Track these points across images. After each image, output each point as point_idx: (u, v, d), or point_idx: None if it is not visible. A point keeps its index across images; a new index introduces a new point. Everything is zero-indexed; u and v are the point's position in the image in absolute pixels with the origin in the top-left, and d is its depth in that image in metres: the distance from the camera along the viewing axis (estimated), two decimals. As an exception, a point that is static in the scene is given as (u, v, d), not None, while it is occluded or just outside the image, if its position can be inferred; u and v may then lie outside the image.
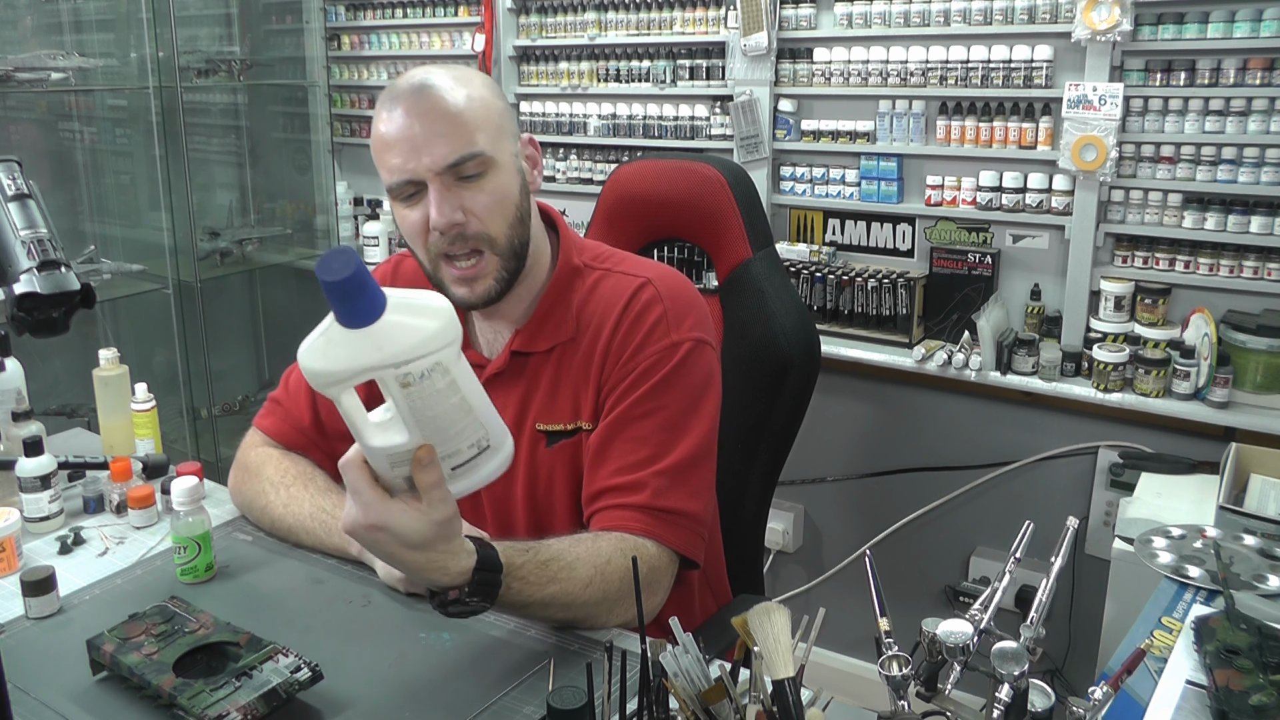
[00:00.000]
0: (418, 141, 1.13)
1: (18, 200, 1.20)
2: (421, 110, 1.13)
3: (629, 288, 1.24)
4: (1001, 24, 2.16)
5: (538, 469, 1.25)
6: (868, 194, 2.40)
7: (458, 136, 1.13)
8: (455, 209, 1.14)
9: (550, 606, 1.06)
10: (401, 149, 1.13)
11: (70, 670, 1.04)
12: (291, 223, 3.37)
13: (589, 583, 1.07)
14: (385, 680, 1.03)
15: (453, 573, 0.94)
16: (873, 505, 2.52)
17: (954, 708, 0.85)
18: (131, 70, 2.88)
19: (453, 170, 1.14)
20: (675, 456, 1.18)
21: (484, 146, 1.14)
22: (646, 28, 2.64)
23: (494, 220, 1.17)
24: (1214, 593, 1.24)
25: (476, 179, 1.15)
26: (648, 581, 1.13)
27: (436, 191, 1.14)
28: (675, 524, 1.17)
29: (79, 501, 1.45)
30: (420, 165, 1.13)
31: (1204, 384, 1.97)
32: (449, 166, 1.13)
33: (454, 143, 1.13)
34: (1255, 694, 0.98)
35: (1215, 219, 2.01)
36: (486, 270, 1.18)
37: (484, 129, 1.15)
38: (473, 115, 1.14)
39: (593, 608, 1.08)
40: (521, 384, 1.26)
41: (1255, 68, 1.93)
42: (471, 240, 1.16)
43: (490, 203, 1.16)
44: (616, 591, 1.09)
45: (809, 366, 1.61)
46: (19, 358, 1.52)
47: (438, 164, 1.13)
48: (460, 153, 1.13)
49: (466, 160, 1.13)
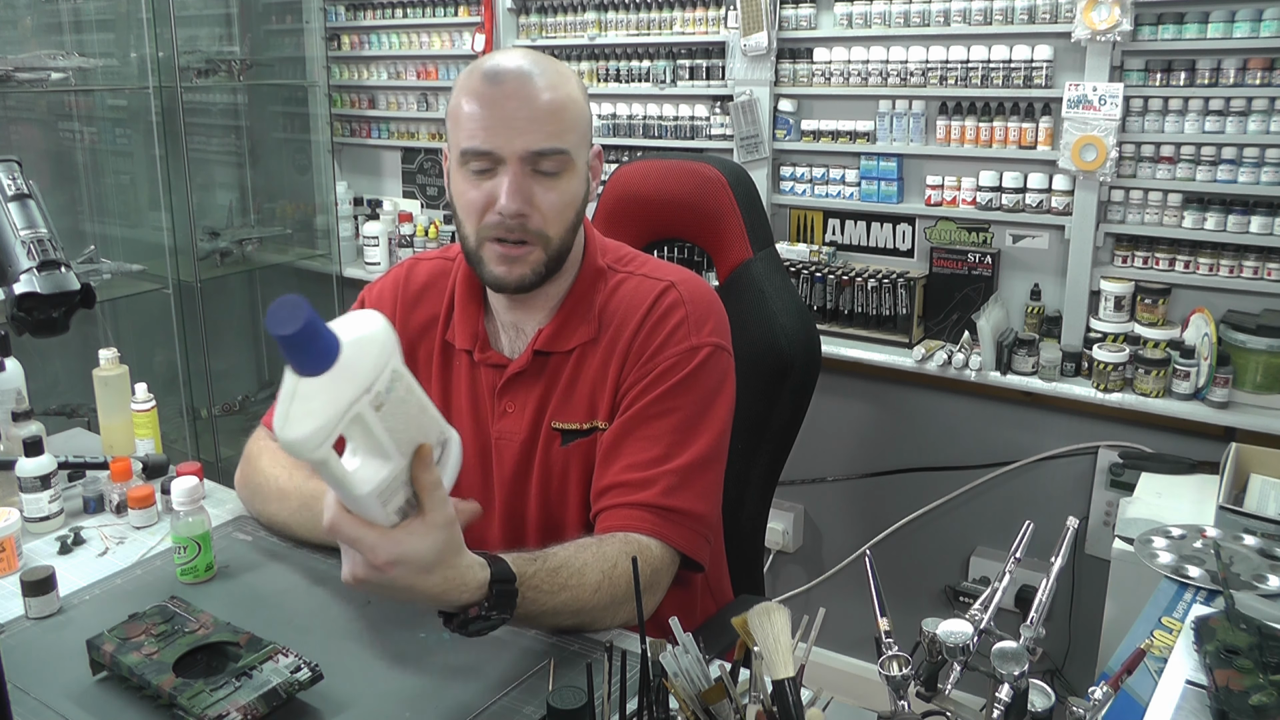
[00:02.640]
0: (512, 120, 1.13)
1: (18, 200, 1.20)
2: (525, 94, 1.14)
3: (653, 290, 1.25)
4: (1001, 24, 2.16)
5: (551, 467, 1.26)
6: (868, 194, 2.40)
7: (551, 129, 1.14)
8: (526, 200, 1.15)
9: (561, 614, 1.05)
10: (492, 121, 1.13)
11: (70, 670, 1.04)
12: (291, 223, 3.37)
13: (598, 587, 1.07)
14: (385, 680, 1.03)
15: (472, 587, 0.93)
16: (873, 505, 2.52)
17: (954, 708, 0.85)
18: (131, 70, 2.88)
19: (535, 160, 1.14)
20: (686, 458, 1.18)
21: (570, 145, 1.15)
22: (646, 28, 2.64)
23: (556, 221, 1.18)
24: (1214, 593, 1.24)
25: (553, 176, 1.16)
26: (649, 581, 1.13)
27: (513, 176, 1.14)
28: (681, 524, 1.17)
29: (79, 501, 1.45)
30: (507, 144, 1.13)
31: (1204, 384, 1.97)
32: (534, 154, 1.14)
33: (546, 133, 1.14)
34: (1255, 694, 0.98)
35: (1215, 219, 2.01)
36: (530, 259, 1.19)
37: (574, 130, 1.16)
38: (568, 114, 1.16)
39: (601, 611, 1.08)
40: (541, 383, 1.26)
41: (1255, 68, 1.93)
42: (530, 234, 1.17)
43: (559, 203, 1.17)
44: (624, 594, 1.09)
45: (810, 367, 1.61)
46: (19, 358, 1.52)
47: (525, 148, 1.13)
48: (549, 144, 1.14)
49: (552, 154, 1.14)
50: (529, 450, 1.26)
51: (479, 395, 1.29)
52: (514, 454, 1.27)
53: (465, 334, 1.29)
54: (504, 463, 1.28)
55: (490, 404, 1.28)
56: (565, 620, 1.07)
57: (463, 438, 1.28)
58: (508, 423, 1.27)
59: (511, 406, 1.27)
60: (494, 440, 1.28)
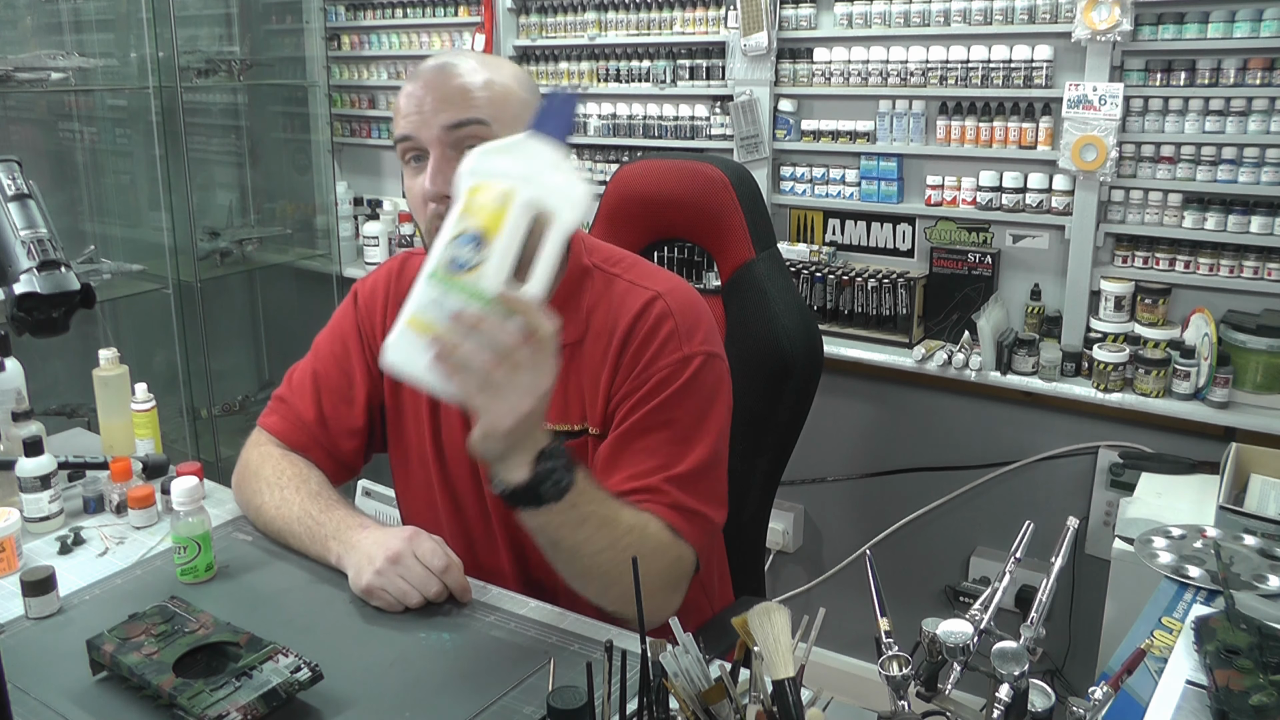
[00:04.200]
0: (425, 106, 1.15)
1: (18, 200, 1.20)
2: (439, 81, 1.16)
3: (640, 300, 1.24)
4: (1001, 24, 2.16)
5: None
6: (868, 194, 2.40)
7: (465, 102, 1.15)
8: (449, 180, 1.14)
9: (597, 536, 1.06)
10: (412, 108, 1.16)
11: (70, 670, 1.04)
12: (291, 223, 3.37)
13: (630, 529, 1.09)
14: (385, 680, 1.03)
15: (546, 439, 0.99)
16: (873, 505, 2.52)
17: (954, 708, 0.85)
18: (131, 70, 2.88)
19: (453, 135, 1.14)
20: (685, 466, 1.19)
21: (487, 118, 1.15)
22: (646, 28, 2.64)
23: None
24: (1214, 593, 1.24)
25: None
26: (675, 577, 1.16)
27: (435, 159, 1.15)
28: (693, 520, 1.18)
29: (79, 501, 1.45)
30: (424, 127, 1.15)
31: (1204, 384, 1.97)
32: (449, 128, 1.14)
33: (459, 107, 1.14)
34: (1255, 694, 0.98)
35: (1215, 219, 2.01)
36: None
37: (494, 105, 1.16)
38: (487, 94, 1.16)
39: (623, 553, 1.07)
40: None
41: (1255, 68, 1.93)
42: None
43: None
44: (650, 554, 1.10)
45: (811, 368, 1.60)
46: (19, 358, 1.52)
47: (441, 125, 1.14)
48: (462, 115, 1.14)
49: (467, 125, 1.14)
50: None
51: None
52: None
53: None
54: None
55: None
56: (599, 546, 1.06)
57: (452, 427, 1.29)
58: None
59: None
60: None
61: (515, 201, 0.89)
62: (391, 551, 1.14)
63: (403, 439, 1.36)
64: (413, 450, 1.35)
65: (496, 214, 0.88)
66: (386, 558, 1.14)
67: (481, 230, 0.89)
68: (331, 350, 1.38)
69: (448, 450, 1.32)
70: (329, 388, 1.37)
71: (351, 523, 1.22)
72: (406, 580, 1.13)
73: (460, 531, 1.34)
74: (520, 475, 0.98)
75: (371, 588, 1.14)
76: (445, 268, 0.89)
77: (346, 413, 1.36)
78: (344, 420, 1.36)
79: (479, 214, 0.90)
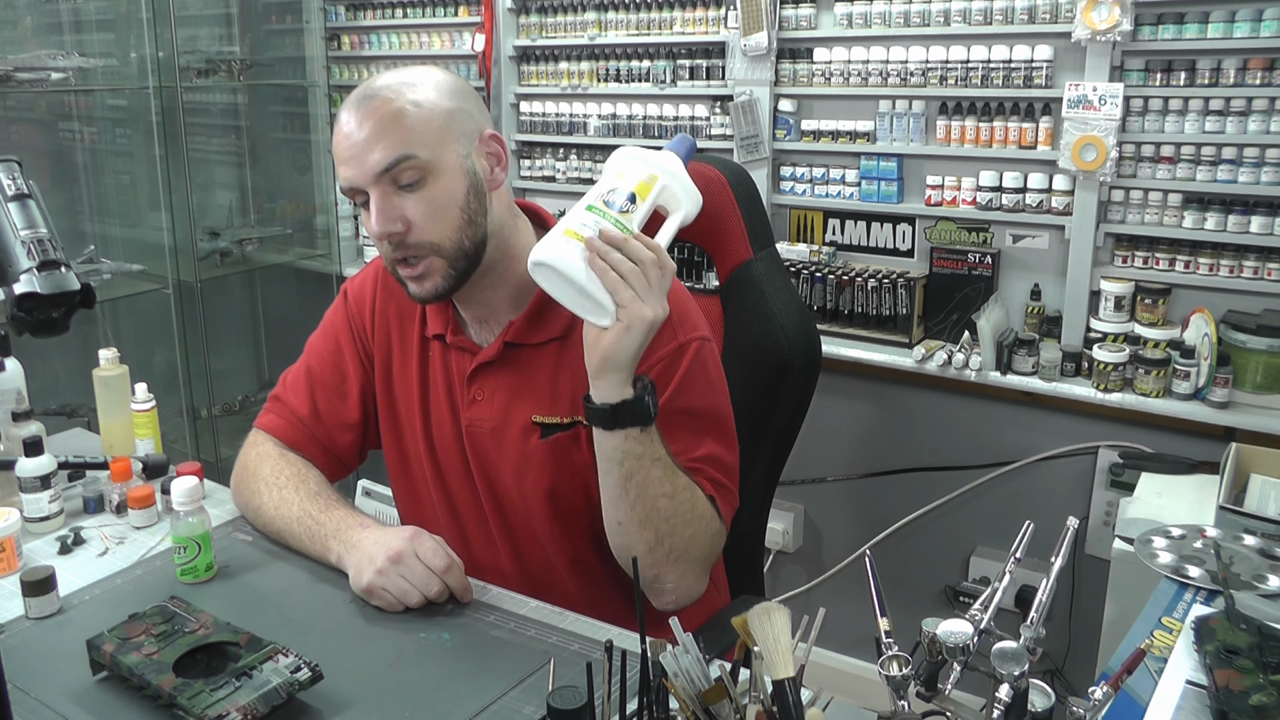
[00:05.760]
0: (358, 149, 1.15)
1: (18, 200, 1.20)
2: (361, 118, 1.15)
3: None
4: (1001, 24, 2.16)
5: (528, 459, 1.26)
6: (868, 194, 2.40)
7: (390, 141, 1.14)
8: (394, 219, 1.15)
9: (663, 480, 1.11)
10: (345, 157, 1.16)
11: (70, 670, 1.04)
12: (291, 223, 3.37)
13: (687, 485, 1.15)
14: (385, 680, 1.03)
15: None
16: (873, 505, 2.52)
17: (954, 708, 0.85)
18: (131, 70, 2.88)
19: (389, 177, 1.14)
20: (706, 449, 1.21)
21: (418, 151, 1.14)
22: (646, 28, 2.64)
23: (434, 227, 1.17)
24: (1214, 593, 1.24)
25: (414, 187, 1.15)
26: (713, 553, 1.21)
27: (376, 200, 1.15)
28: (728, 502, 1.22)
29: (79, 501, 1.45)
30: (359, 174, 1.15)
31: (1204, 384, 1.97)
32: (382, 172, 1.14)
33: (385, 147, 1.14)
34: (1255, 694, 0.98)
35: (1215, 219, 2.01)
36: (433, 270, 1.19)
37: (422, 134, 1.15)
38: (410, 121, 1.15)
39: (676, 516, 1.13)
40: (511, 374, 1.27)
41: (1255, 68, 1.93)
42: (416, 248, 1.17)
43: (428, 211, 1.16)
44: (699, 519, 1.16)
45: (810, 367, 1.60)
46: (19, 358, 1.52)
47: (373, 171, 1.14)
48: (392, 155, 1.14)
49: (399, 163, 1.14)
50: (500, 439, 1.27)
51: (451, 380, 1.31)
52: (485, 441, 1.28)
53: (437, 319, 1.31)
54: (477, 449, 1.29)
55: (461, 390, 1.30)
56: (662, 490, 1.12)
57: (441, 422, 1.30)
58: (478, 410, 1.28)
59: (481, 394, 1.28)
60: (464, 426, 1.29)
61: (659, 183, 1.11)
62: (393, 551, 1.14)
63: (398, 438, 1.37)
64: (408, 449, 1.36)
65: (645, 185, 1.10)
66: (388, 557, 1.14)
67: (634, 191, 1.10)
68: (324, 348, 1.39)
69: (439, 449, 1.32)
70: (323, 383, 1.37)
71: (351, 522, 1.23)
72: (407, 580, 1.14)
73: (457, 530, 1.34)
74: (626, 391, 1.07)
75: (372, 587, 1.14)
76: (602, 204, 1.07)
77: (341, 407, 1.37)
78: (339, 415, 1.37)
79: (633, 181, 1.10)
